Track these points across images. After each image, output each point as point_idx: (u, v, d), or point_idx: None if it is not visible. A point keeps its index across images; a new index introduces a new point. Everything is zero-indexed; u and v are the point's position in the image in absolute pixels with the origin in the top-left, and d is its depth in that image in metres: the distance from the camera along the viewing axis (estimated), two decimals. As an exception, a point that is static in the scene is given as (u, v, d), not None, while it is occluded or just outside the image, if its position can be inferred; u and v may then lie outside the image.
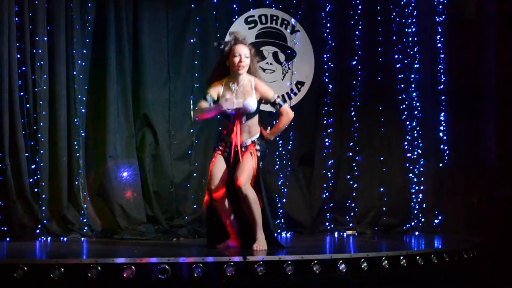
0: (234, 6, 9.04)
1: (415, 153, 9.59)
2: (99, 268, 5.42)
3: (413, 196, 9.52)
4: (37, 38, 7.86)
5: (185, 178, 8.61)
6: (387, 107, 9.62)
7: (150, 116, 8.44)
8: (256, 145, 6.67)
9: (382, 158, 9.55)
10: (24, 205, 7.65)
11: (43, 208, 7.73)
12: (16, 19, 7.78)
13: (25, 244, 7.12)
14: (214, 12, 8.94)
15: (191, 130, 8.69)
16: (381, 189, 9.48)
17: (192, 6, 8.79)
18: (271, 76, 9.17)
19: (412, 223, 9.45)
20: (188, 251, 6.87)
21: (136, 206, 8.23)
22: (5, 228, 7.49)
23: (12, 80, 7.68)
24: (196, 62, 8.75)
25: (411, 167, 9.56)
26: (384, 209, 9.44)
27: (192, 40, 8.77)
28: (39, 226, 7.65)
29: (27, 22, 7.83)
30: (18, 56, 7.76)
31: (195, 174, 8.65)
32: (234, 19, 9.03)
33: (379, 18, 9.67)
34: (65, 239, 7.66)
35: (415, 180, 9.54)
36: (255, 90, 6.60)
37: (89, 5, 8.20)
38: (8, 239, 7.39)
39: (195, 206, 8.56)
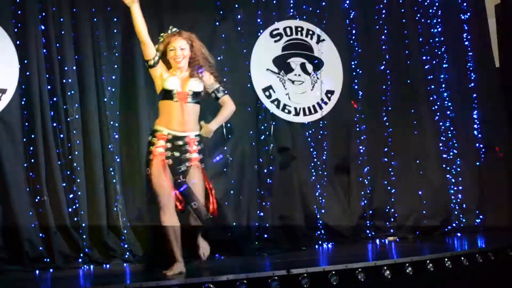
0: (258, 20, 9.03)
1: (451, 153, 9.53)
2: (144, 292, 5.45)
3: (453, 197, 9.45)
4: (66, 68, 7.91)
5: (222, 196, 8.58)
6: (419, 109, 9.56)
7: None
8: (199, 150, 6.48)
9: (418, 161, 9.47)
10: (65, 235, 7.67)
11: (84, 236, 7.74)
12: (44, 50, 7.84)
13: (69, 274, 7.16)
14: (238, 28, 8.93)
15: (225, 148, 8.68)
16: (420, 192, 9.40)
17: (217, 23, 8.81)
18: (301, 87, 9.15)
19: (454, 224, 9.37)
20: (231, 268, 6.86)
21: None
22: (48, 260, 7.51)
23: (44, 111, 7.73)
24: (224, 79, 8.71)
25: (448, 168, 9.49)
26: (424, 212, 9.35)
27: (219, 58, 8.76)
28: (81, 255, 7.66)
29: (55, 53, 7.88)
30: (49, 87, 7.81)
31: (232, 192, 8.63)
32: (259, 33, 9.02)
33: (404, 21, 9.64)
34: (107, 266, 7.68)
35: (453, 180, 9.47)
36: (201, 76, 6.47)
37: (115, 31, 8.24)
38: (51, 270, 7.41)
39: (234, 224, 8.54)
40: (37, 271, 7.32)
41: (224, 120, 6.72)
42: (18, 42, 7.73)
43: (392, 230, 9.28)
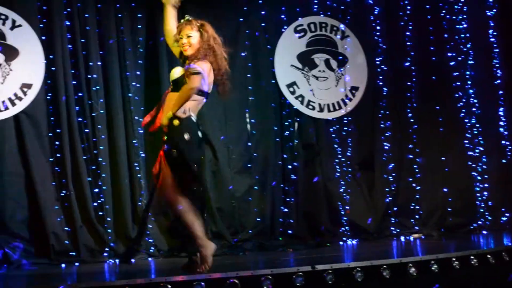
0: (283, 16, 9.03)
1: (477, 150, 9.45)
2: (169, 286, 5.43)
3: (478, 194, 9.37)
4: (91, 64, 7.96)
5: (246, 191, 8.59)
6: (444, 106, 9.50)
7: (207, 132, 8.41)
8: (166, 141, 5.93)
9: (443, 158, 9.40)
10: (90, 229, 7.73)
11: (109, 231, 7.79)
12: (69, 46, 7.90)
13: (94, 268, 7.19)
14: (263, 24, 8.94)
15: (249, 144, 8.68)
16: (445, 190, 9.33)
17: (241, 19, 8.81)
18: (325, 83, 9.13)
19: (479, 222, 9.29)
20: (255, 264, 6.86)
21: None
22: (74, 253, 7.57)
23: (70, 106, 7.80)
24: (248, 75, 8.76)
25: (473, 165, 9.42)
26: (449, 209, 9.29)
27: (243, 54, 8.77)
28: (106, 249, 7.71)
29: (80, 48, 7.94)
30: (74, 82, 7.87)
31: (256, 187, 8.63)
32: (283, 29, 9.01)
33: (429, 17, 9.58)
34: (132, 260, 7.68)
35: (479, 178, 9.39)
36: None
37: (139, 26, 8.26)
38: (77, 263, 7.46)
39: (258, 219, 8.54)
40: (63, 265, 7.40)
41: (180, 103, 5.84)
42: (43, 38, 7.81)
43: (416, 227, 9.23)
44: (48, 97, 7.80)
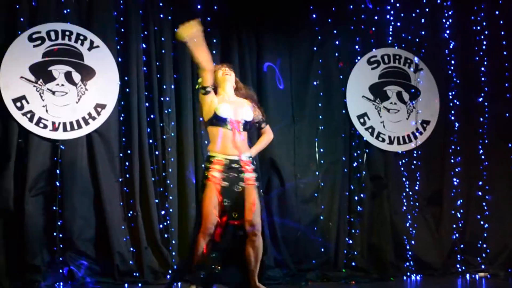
0: (356, 47, 9.01)
1: (549, 190, 9.24)
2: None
3: (549, 235, 9.15)
4: (164, 86, 8.06)
5: (311, 221, 8.57)
6: (517, 144, 9.33)
7: (275, 159, 8.46)
8: (254, 170, 6.45)
9: (513, 197, 9.24)
10: (155, 250, 7.80)
11: (173, 253, 7.85)
12: (144, 68, 8.03)
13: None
14: (336, 54, 8.94)
15: (317, 173, 8.67)
16: (514, 229, 9.16)
17: (315, 48, 8.83)
18: (396, 115, 9.07)
19: (549, 264, 9.07)
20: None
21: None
22: (137, 274, 7.64)
23: (142, 128, 7.91)
24: (320, 104, 8.77)
25: (544, 205, 9.21)
26: (517, 249, 9.10)
27: (315, 83, 8.79)
28: (170, 271, 7.74)
29: (154, 71, 8.07)
30: (147, 104, 7.98)
31: (321, 217, 8.61)
32: (356, 60, 8.99)
33: (505, 53, 9.42)
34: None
35: (551, 218, 9.17)
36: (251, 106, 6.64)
37: (214, 52, 8.34)
38: (140, 284, 7.53)
39: (322, 250, 8.50)
40: (126, 285, 7.48)
41: (263, 147, 6.86)
42: (120, 59, 7.95)
43: (483, 266, 9.05)
44: (121, 118, 7.92)
